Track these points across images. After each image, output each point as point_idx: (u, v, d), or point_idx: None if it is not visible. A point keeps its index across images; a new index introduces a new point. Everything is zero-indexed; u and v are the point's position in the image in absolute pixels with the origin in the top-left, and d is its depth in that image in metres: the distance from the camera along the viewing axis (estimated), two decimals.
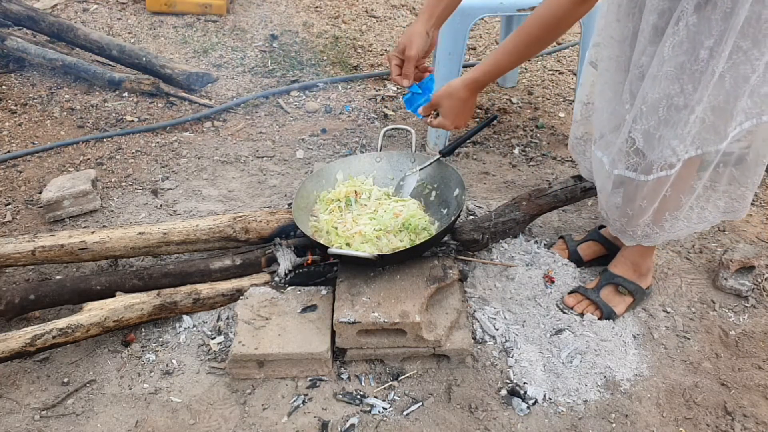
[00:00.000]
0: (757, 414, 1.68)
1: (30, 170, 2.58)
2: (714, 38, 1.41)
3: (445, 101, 1.73)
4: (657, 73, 1.48)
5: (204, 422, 1.64)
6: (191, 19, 3.69)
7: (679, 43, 1.44)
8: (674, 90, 1.48)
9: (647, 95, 1.52)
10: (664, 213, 1.73)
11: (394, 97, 3.11)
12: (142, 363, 1.79)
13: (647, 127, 1.55)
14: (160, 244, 2.00)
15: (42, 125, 2.85)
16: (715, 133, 1.55)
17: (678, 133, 1.53)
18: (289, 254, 1.94)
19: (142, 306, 1.81)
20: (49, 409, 1.67)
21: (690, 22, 1.41)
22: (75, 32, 3.17)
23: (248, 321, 1.77)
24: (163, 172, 2.58)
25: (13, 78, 3.14)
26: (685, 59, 1.45)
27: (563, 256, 2.09)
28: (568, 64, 3.42)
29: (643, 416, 1.66)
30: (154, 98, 3.04)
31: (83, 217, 2.33)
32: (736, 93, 1.48)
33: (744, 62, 1.44)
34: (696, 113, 1.50)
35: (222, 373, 1.75)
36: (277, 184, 2.52)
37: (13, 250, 1.94)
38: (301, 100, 3.08)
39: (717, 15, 1.39)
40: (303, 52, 3.45)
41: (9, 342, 1.68)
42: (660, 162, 1.57)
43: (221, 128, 2.87)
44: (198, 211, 2.36)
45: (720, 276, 2.02)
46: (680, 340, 1.87)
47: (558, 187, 2.14)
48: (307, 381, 1.73)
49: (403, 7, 4.00)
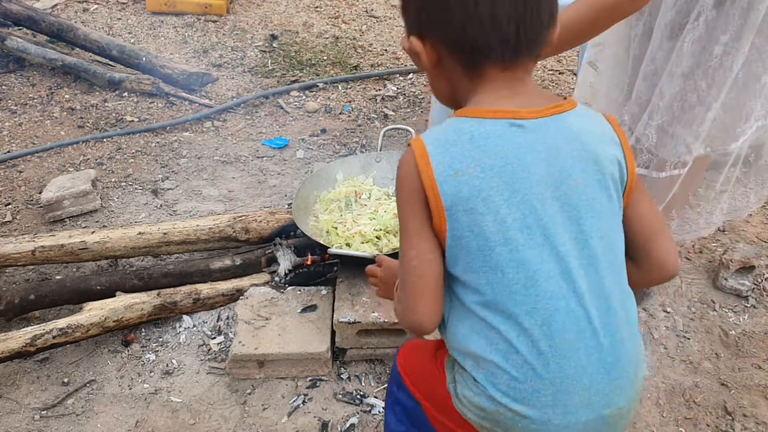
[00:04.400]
0: (757, 414, 1.68)
1: (30, 170, 2.58)
2: (730, 34, 1.40)
3: None
4: (675, 69, 1.47)
5: (204, 422, 1.64)
6: (191, 19, 3.69)
7: (697, 38, 1.42)
8: (689, 86, 1.47)
9: (664, 91, 1.50)
10: (671, 211, 1.73)
11: (394, 97, 3.11)
12: (142, 363, 1.79)
13: (661, 123, 1.53)
14: (160, 244, 2.00)
15: (42, 125, 2.85)
16: (724, 132, 1.54)
17: (693, 130, 1.52)
18: (289, 254, 1.94)
19: (142, 306, 1.81)
20: (49, 409, 1.67)
21: (709, 17, 1.40)
22: (75, 32, 3.17)
23: (248, 321, 1.77)
24: (163, 172, 2.58)
25: (13, 78, 3.14)
26: (701, 55, 1.44)
27: None
28: (568, 64, 3.42)
29: (643, 416, 1.66)
30: (154, 98, 3.04)
31: (83, 217, 2.33)
32: (747, 92, 1.47)
33: (756, 60, 1.43)
34: (713, 110, 1.49)
35: (222, 373, 1.75)
36: (277, 184, 2.52)
37: (13, 250, 1.93)
38: (301, 100, 3.08)
39: (735, 10, 1.38)
40: (303, 52, 3.45)
41: (9, 342, 1.68)
42: (673, 159, 1.56)
43: (221, 128, 2.87)
44: (198, 211, 2.36)
45: (720, 276, 2.02)
46: (680, 340, 1.87)
47: None
48: (307, 381, 1.73)
49: None
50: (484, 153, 0.91)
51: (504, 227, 0.90)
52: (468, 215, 0.91)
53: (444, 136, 0.94)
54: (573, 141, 0.93)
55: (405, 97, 3.10)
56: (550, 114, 0.93)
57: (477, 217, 0.91)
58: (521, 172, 0.90)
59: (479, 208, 0.91)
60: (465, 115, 0.94)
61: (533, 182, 0.91)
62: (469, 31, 0.91)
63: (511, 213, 0.90)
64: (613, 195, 0.95)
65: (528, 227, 0.90)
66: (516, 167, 0.90)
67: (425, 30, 0.96)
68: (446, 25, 0.93)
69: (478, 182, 0.90)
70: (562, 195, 0.92)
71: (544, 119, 0.93)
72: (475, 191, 0.90)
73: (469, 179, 0.90)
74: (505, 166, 0.90)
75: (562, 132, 0.93)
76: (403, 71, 3.30)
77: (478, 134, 0.92)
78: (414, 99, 3.09)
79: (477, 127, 0.92)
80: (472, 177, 0.90)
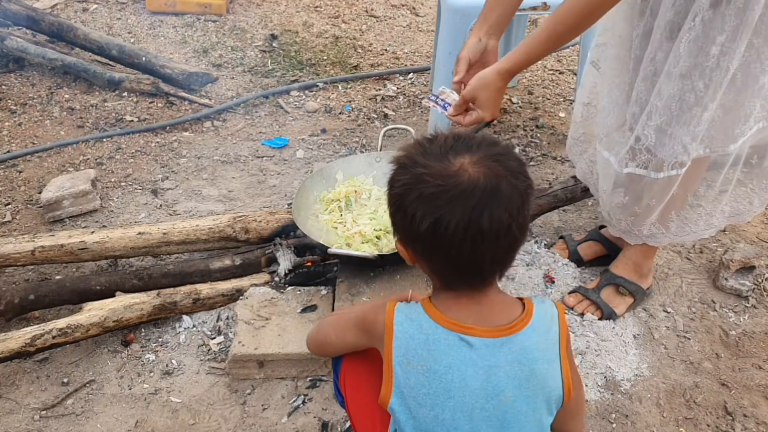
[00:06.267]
0: (758, 414, 1.68)
1: (30, 170, 2.57)
2: (726, 34, 1.40)
3: (482, 93, 1.63)
4: (672, 69, 1.47)
5: (204, 422, 1.64)
6: (191, 19, 3.69)
7: (694, 39, 1.43)
8: (686, 87, 1.48)
9: (662, 91, 1.51)
10: (670, 212, 1.72)
11: (394, 97, 3.11)
12: (142, 363, 1.79)
13: (660, 123, 1.54)
14: (159, 244, 2.00)
15: (42, 125, 2.85)
16: (723, 133, 1.54)
17: (690, 130, 1.52)
18: (289, 254, 1.94)
19: (141, 306, 1.81)
20: (48, 409, 1.67)
21: (705, 18, 1.40)
22: (75, 32, 3.17)
23: (248, 321, 1.77)
24: (162, 172, 2.58)
25: (13, 78, 3.14)
26: (698, 56, 1.44)
27: (563, 256, 2.09)
28: (568, 64, 3.42)
29: (644, 416, 1.66)
30: (154, 98, 3.03)
31: (83, 217, 2.33)
32: (745, 93, 1.47)
33: (755, 60, 1.43)
34: (710, 111, 1.49)
35: (222, 373, 1.75)
36: (277, 184, 2.52)
37: (13, 250, 1.93)
38: (301, 100, 3.08)
39: (731, 11, 1.38)
40: (303, 52, 3.45)
41: (9, 342, 1.68)
42: (671, 160, 1.57)
43: (221, 128, 2.86)
44: (198, 211, 2.36)
45: (720, 276, 2.02)
46: (680, 340, 1.87)
47: (558, 187, 2.13)
48: (307, 381, 1.73)
49: (403, 7, 3.99)
50: (432, 357, 1.04)
51: (437, 421, 1.05)
52: (411, 401, 1.05)
53: (409, 328, 1.07)
54: (512, 362, 1.04)
55: (405, 97, 3.10)
56: (500, 335, 1.05)
57: (416, 407, 1.05)
58: (459, 382, 1.03)
59: (419, 399, 1.05)
60: (429, 313, 1.06)
61: (467, 393, 1.04)
62: (450, 273, 1.06)
63: (444, 413, 1.04)
64: (540, 407, 1.07)
65: (455, 428, 1.04)
66: (455, 377, 1.03)
67: (409, 247, 1.08)
68: (430, 262, 1.06)
69: (423, 379, 1.04)
70: (492, 407, 1.04)
71: (492, 340, 1.04)
72: (418, 384, 1.04)
73: (416, 373, 1.05)
74: (447, 373, 1.03)
75: (505, 354, 1.04)
76: (403, 71, 3.30)
77: (433, 339, 1.05)
78: (414, 99, 3.09)
79: (433, 332, 1.05)
80: (419, 372, 1.04)
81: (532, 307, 1.09)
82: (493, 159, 1.01)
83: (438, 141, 1.05)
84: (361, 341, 1.18)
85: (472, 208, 0.97)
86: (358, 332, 1.18)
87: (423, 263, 1.08)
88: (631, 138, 1.60)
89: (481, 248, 0.99)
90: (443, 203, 0.97)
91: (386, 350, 1.07)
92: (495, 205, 0.97)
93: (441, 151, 1.02)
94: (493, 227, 0.97)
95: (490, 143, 1.04)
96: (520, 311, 1.08)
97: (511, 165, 1.01)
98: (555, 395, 1.08)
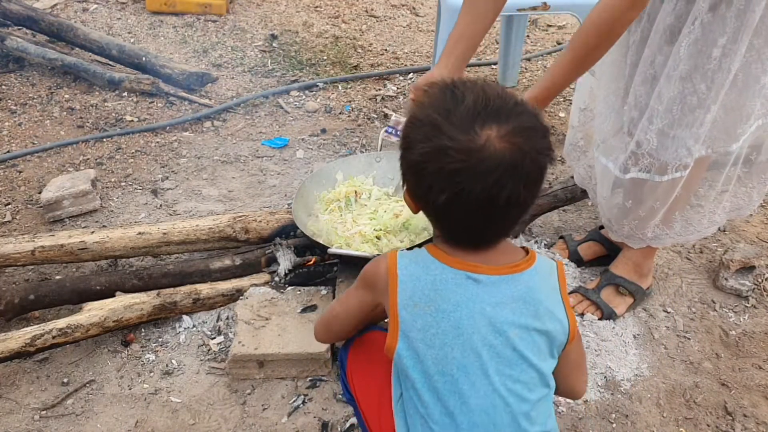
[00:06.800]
0: (758, 414, 1.68)
1: (30, 170, 2.57)
2: (727, 36, 1.41)
3: None
4: (672, 72, 1.48)
5: (204, 422, 1.64)
6: (191, 19, 3.69)
7: (694, 41, 1.43)
8: (688, 89, 1.48)
9: (663, 94, 1.51)
10: (674, 212, 1.73)
11: (394, 97, 3.11)
12: (142, 363, 1.79)
13: (661, 126, 1.54)
14: (159, 244, 2.00)
15: (42, 125, 2.85)
16: (725, 133, 1.54)
17: (693, 132, 1.52)
18: (289, 254, 1.94)
19: (141, 306, 1.81)
20: (48, 409, 1.67)
21: (705, 21, 1.41)
22: (75, 32, 3.17)
23: (248, 321, 1.77)
24: (162, 172, 2.58)
25: (13, 78, 3.14)
26: (698, 58, 1.45)
27: (563, 256, 2.09)
28: None
29: (644, 416, 1.66)
30: (154, 98, 3.04)
31: (83, 217, 2.33)
32: (747, 93, 1.48)
33: (756, 61, 1.44)
34: (712, 112, 1.49)
35: (222, 373, 1.75)
36: (277, 184, 2.52)
37: (13, 250, 1.93)
38: (301, 100, 3.08)
39: (731, 13, 1.39)
40: (303, 52, 3.45)
41: (9, 342, 1.68)
42: (675, 162, 1.57)
43: (221, 128, 2.86)
44: (198, 211, 2.36)
45: (720, 276, 2.02)
46: (680, 340, 1.87)
47: (558, 187, 2.13)
48: (307, 381, 1.73)
49: (403, 7, 3.99)
50: (440, 296, 1.06)
51: (446, 360, 1.06)
52: (418, 343, 1.06)
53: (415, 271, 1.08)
54: (518, 299, 1.07)
55: (405, 97, 3.10)
56: (506, 273, 1.07)
57: (424, 349, 1.06)
58: (468, 319, 1.05)
59: (428, 341, 1.06)
60: (435, 256, 1.08)
61: (475, 330, 1.05)
62: (457, 233, 1.09)
63: (453, 351, 1.05)
64: (543, 349, 1.09)
65: (464, 366, 1.05)
66: (464, 314, 1.05)
67: (418, 203, 1.10)
68: (439, 221, 1.10)
69: (430, 319, 1.05)
70: (499, 344, 1.06)
71: (499, 277, 1.07)
72: (426, 325, 1.05)
73: (424, 315, 1.05)
74: (455, 311, 1.05)
75: (511, 290, 1.07)
76: (403, 71, 3.30)
77: (440, 279, 1.06)
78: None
79: (441, 273, 1.07)
80: (426, 313, 1.05)
81: (534, 253, 1.12)
82: (521, 133, 0.98)
83: (466, 103, 0.99)
84: (366, 299, 1.18)
85: (492, 184, 0.97)
86: (361, 291, 1.18)
87: (430, 218, 1.11)
88: (631, 143, 1.60)
89: (493, 217, 1.03)
90: (464, 179, 0.97)
91: (391, 298, 1.08)
92: (515, 181, 0.98)
93: (468, 119, 0.97)
94: (510, 201, 0.99)
95: (520, 112, 1.00)
96: (523, 254, 1.12)
97: (536, 142, 1.00)
98: (558, 338, 1.09)
